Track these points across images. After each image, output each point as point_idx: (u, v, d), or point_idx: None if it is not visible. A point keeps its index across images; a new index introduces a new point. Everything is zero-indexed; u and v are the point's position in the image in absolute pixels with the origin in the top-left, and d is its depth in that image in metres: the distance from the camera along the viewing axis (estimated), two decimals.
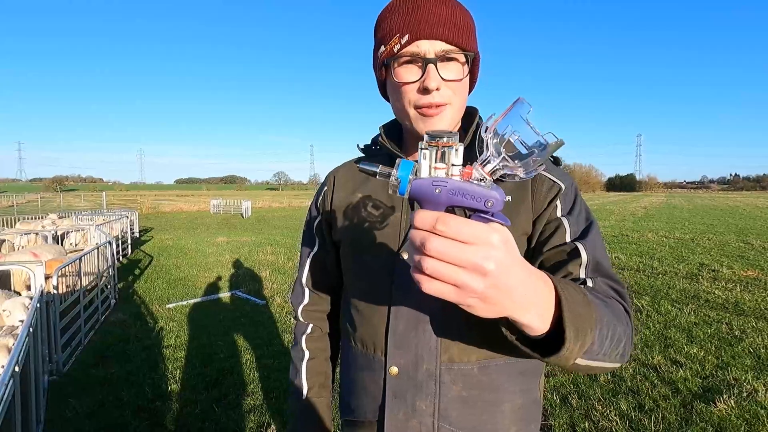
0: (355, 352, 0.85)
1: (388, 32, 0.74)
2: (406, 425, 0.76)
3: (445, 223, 0.42)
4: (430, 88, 0.70)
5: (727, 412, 2.82)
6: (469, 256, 0.42)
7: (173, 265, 8.24)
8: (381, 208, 0.83)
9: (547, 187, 0.76)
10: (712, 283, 6.22)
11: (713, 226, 14.69)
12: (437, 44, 0.71)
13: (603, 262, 0.70)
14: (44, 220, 9.87)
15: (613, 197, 56.70)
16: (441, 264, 0.42)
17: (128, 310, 5.22)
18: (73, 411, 2.93)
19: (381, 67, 0.77)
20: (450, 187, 0.45)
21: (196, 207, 28.17)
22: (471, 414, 0.76)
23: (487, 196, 0.45)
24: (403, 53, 0.72)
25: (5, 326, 2.98)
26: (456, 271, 0.42)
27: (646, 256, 8.55)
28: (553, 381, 3.29)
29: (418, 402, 0.76)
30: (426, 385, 0.75)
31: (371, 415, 0.81)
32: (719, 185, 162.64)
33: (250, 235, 13.13)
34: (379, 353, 0.79)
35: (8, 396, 1.79)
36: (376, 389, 0.80)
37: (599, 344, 0.55)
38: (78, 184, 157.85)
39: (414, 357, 0.76)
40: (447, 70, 0.72)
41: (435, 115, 0.73)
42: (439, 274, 0.42)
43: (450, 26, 0.71)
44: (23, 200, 32.69)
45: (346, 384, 0.90)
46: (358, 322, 0.83)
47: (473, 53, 0.74)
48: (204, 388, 3.24)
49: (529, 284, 0.47)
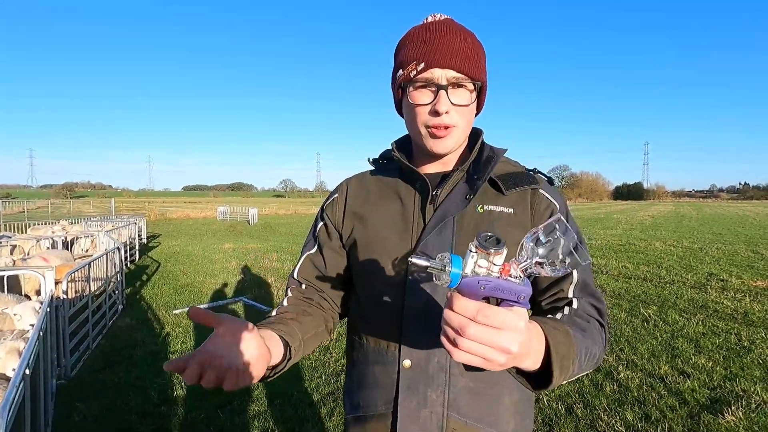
0: (366, 348, 0.89)
1: (406, 58, 0.83)
2: (418, 415, 0.81)
3: (486, 316, 0.53)
4: (440, 111, 0.79)
5: (735, 424, 2.78)
6: (501, 341, 0.53)
7: (180, 271, 8.31)
8: (393, 217, 0.89)
9: (545, 205, 0.86)
10: (721, 293, 6.15)
11: (722, 235, 14.54)
12: (449, 72, 0.79)
13: (589, 282, 0.83)
14: (55, 226, 10.01)
15: (621, 206, 56.33)
16: (475, 344, 0.53)
17: (135, 316, 5.27)
18: (81, 415, 2.96)
19: (398, 88, 0.86)
20: (492, 285, 0.54)
21: (203, 214, 28.40)
22: (477, 405, 0.82)
23: (521, 292, 0.54)
24: (419, 78, 0.81)
25: (16, 330, 3.02)
26: (487, 350, 0.53)
27: (653, 265, 8.48)
28: (558, 391, 3.27)
29: (430, 393, 0.81)
30: (437, 377, 0.81)
31: (383, 407, 0.85)
32: (729, 194, 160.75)
33: (257, 242, 13.20)
34: (393, 348, 0.84)
35: (19, 399, 1.82)
36: (388, 382, 0.84)
37: (578, 369, 0.68)
38: (87, 190, 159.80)
39: (426, 352, 0.82)
40: (456, 96, 0.81)
41: (444, 136, 0.82)
42: (473, 351, 0.54)
43: (462, 57, 0.80)
44: (34, 206, 33.13)
45: (354, 380, 0.93)
46: (370, 321, 0.88)
47: (480, 82, 0.83)
48: (209, 394, 3.26)
49: (531, 343, 0.60)
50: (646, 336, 4.42)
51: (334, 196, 0.99)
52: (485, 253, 0.55)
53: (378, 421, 0.86)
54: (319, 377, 3.54)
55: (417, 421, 0.81)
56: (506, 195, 0.86)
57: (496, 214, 0.85)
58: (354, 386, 0.93)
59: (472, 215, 0.84)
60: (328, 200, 1.00)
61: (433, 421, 0.81)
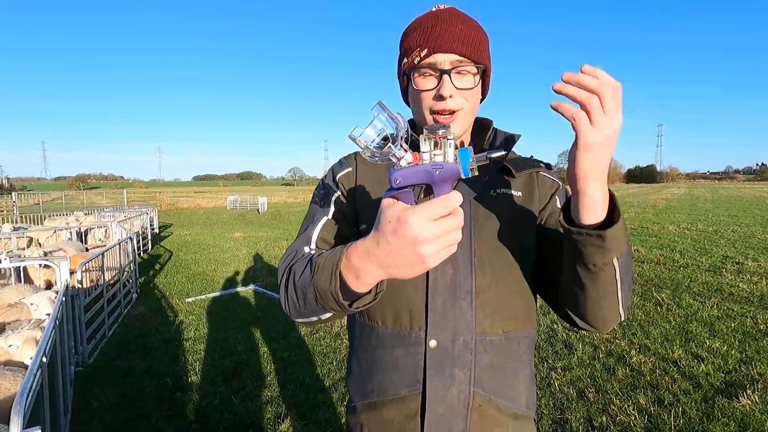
0: (382, 331, 0.86)
1: (410, 46, 0.85)
2: (446, 394, 0.82)
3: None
4: (444, 96, 0.80)
5: (751, 408, 2.75)
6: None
7: (192, 260, 8.41)
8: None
9: (549, 184, 0.92)
10: (737, 276, 6.05)
11: (738, 217, 14.25)
12: (452, 57, 0.81)
13: None
14: (69, 217, 10.18)
15: (633, 189, 55.44)
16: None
17: (149, 304, 5.36)
18: (99, 401, 3.04)
19: (403, 75, 0.88)
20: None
21: (213, 203, 28.64)
22: (499, 380, 0.84)
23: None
24: (422, 65, 0.82)
25: (33, 319, 3.09)
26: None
27: (667, 248, 8.36)
28: (569, 375, 3.26)
29: (456, 371, 0.82)
30: (463, 356, 0.82)
31: (406, 389, 0.84)
32: (745, 175, 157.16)
33: (266, 230, 13.29)
34: (417, 329, 0.83)
35: (36, 386, 1.86)
36: (412, 364, 0.83)
37: (625, 260, 0.70)
38: (100, 181, 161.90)
39: (452, 331, 0.82)
40: (460, 80, 0.82)
41: (449, 122, 0.82)
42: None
43: (464, 41, 0.81)
44: (48, 198, 33.70)
45: (365, 366, 0.89)
46: (392, 302, 0.85)
47: (483, 65, 0.84)
48: (222, 380, 3.32)
49: (605, 170, 0.64)
50: (659, 320, 4.38)
51: (347, 168, 0.93)
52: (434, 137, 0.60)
53: (398, 404, 0.84)
54: (331, 363, 3.57)
55: (445, 401, 0.82)
56: (516, 177, 0.88)
57: (508, 197, 0.87)
58: (364, 372, 0.90)
59: (487, 199, 0.86)
60: (342, 171, 0.94)
61: (461, 399, 0.82)
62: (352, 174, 0.93)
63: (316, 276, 0.69)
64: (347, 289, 0.67)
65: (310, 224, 0.89)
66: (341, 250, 0.68)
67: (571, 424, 2.66)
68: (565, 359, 3.53)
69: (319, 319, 0.76)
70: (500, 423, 0.84)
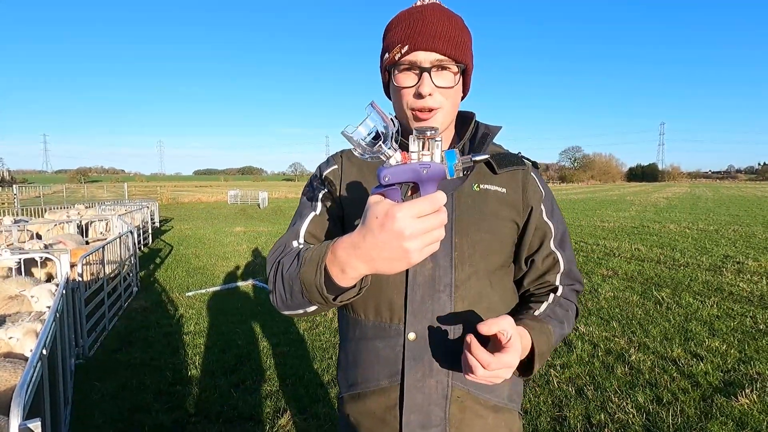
0: (365, 323, 0.89)
1: (391, 42, 0.84)
2: (424, 384, 0.84)
3: None
4: (423, 94, 0.80)
5: (749, 407, 2.75)
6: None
7: (192, 254, 8.42)
8: None
9: (534, 189, 0.92)
10: (737, 276, 6.04)
11: (739, 217, 14.22)
12: (432, 55, 0.80)
13: (573, 268, 0.93)
14: (70, 210, 10.18)
15: (634, 188, 55.37)
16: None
17: (149, 298, 5.37)
18: (99, 393, 3.05)
19: (385, 71, 0.88)
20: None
21: (214, 198, 28.64)
22: None
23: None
24: (403, 61, 0.82)
25: (33, 312, 3.10)
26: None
27: (667, 247, 8.35)
28: (568, 372, 3.26)
29: (435, 363, 0.84)
30: (441, 348, 0.84)
31: (386, 380, 0.86)
32: (747, 175, 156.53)
33: (267, 225, 13.30)
34: (397, 321, 0.85)
35: (37, 378, 1.86)
36: (392, 355, 0.85)
37: (550, 353, 0.82)
38: (101, 175, 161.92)
39: (429, 323, 0.84)
40: (440, 78, 0.81)
41: (427, 119, 0.83)
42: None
43: (445, 39, 0.80)
44: (49, 191, 33.65)
45: (350, 358, 0.92)
46: (373, 295, 0.86)
47: (464, 64, 0.84)
48: (222, 374, 3.33)
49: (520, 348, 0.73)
50: (659, 319, 4.38)
51: (333, 166, 0.96)
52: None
53: (379, 395, 0.86)
54: (330, 358, 3.58)
55: (423, 390, 0.83)
56: (498, 174, 0.90)
57: (491, 192, 0.88)
58: (349, 364, 0.92)
59: (469, 193, 0.87)
60: (329, 168, 0.96)
61: (439, 390, 0.83)
62: (338, 171, 0.95)
63: (303, 269, 0.70)
64: (332, 283, 0.67)
65: (299, 219, 0.92)
66: (327, 244, 0.69)
67: (570, 422, 2.67)
68: (564, 357, 3.53)
69: (305, 312, 0.77)
70: (480, 415, 0.86)
